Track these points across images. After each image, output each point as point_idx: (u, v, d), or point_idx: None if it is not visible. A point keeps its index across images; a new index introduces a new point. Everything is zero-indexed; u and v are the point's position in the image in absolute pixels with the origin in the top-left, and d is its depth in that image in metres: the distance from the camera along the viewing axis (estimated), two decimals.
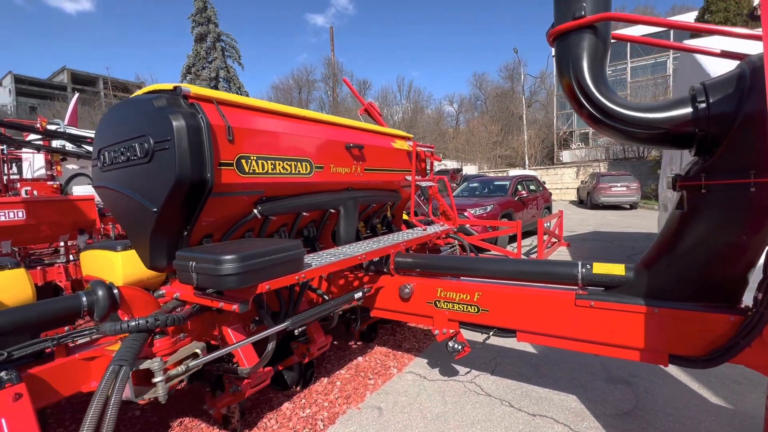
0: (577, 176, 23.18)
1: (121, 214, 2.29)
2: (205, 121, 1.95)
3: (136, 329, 1.62)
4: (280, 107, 2.54)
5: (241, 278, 1.69)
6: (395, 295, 2.81)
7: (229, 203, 2.21)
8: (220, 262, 1.67)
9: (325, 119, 2.92)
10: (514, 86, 47.98)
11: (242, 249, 1.78)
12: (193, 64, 30.17)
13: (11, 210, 3.79)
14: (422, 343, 3.70)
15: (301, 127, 2.62)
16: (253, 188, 2.26)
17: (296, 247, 1.99)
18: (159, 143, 1.91)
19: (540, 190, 10.72)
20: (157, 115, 1.91)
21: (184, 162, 1.87)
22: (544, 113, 41.25)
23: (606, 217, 14.45)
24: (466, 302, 2.48)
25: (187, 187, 1.92)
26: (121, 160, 2.15)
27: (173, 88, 2.03)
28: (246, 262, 1.70)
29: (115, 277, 2.61)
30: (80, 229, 4.47)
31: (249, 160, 2.19)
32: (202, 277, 1.74)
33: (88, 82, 45.13)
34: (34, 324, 1.70)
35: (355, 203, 3.12)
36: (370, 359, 3.38)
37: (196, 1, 29.95)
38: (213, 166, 1.97)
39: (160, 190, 1.94)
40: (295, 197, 2.60)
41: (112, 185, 2.25)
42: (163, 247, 2.10)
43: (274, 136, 2.37)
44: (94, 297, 1.88)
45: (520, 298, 2.29)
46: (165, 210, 1.97)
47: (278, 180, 2.38)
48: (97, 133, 2.43)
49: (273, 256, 1.84)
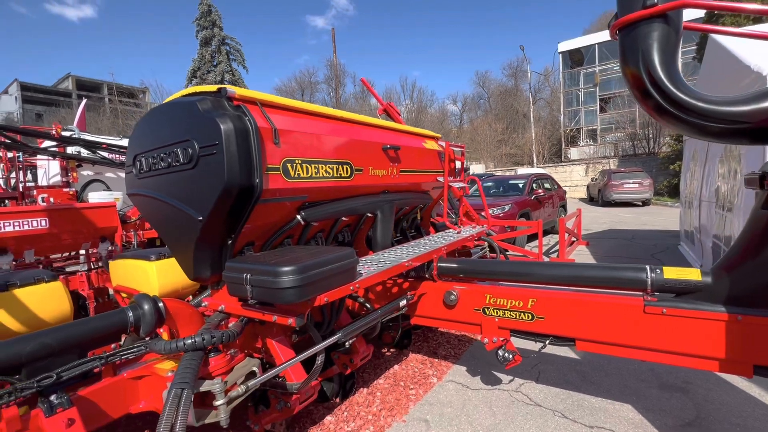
0: (587, 173, 22.95)
1: (160, 223, 2.19)
2: (252, 123, 1.84)
3: (192, 347, 1.52)
4: (320, 108, 2.44)
5: (301, 291, 1.58)
6: (438, 302, 2.69)
7: (275, 210, 2.10)
8: (279, 274, 1.56)
9: (362, 120, 2.82)
10: (518, 84, 47.85)
11: (299, 259, 1.67)
12: (198, 67, 30.19)
13: (34, 219, 3.71)
14: (457, 350, 3.59)
15: (341, 129, 2.52)
16: (297, 193, 2.15)
17: (350, 255, 1.88)
18: (205, 148, 1.81)
19: (555, 188, 10.57)
20: (202, 118, 1.81)
21: (232, 167, 1.77)
22: (549, 111, 41.03)
23: (619, 214, 14.26)
24: (519, 309, 2.36)
25: (236, 193, 1.82)
26: (161, 167, 2.05)
27: (217, 90, 1.93)
28: (305, 273, 1.59)
29: (150, 287, 2.51)
30: (102, 237, 4.38)
31: (294, 164, 2.08)
32: (258, 290, 1.64)
33: (92, 88, 45.38)
34: (81, 342, 1.60)
35: (391, 206, 3.00)
36: (406, 367, 3.27)
37: (201, 5, 29.99)
38: (261, 172, 1.86)
39: (206, 198, 1.84)
40: (335, 202, 2.49)
41: (151, 193, 2.15)
42: (207, 257, 2.00)
43: (316, 138, 2.26)
44: (140, 312, 1.78)
45: (581, 304, 2.16)
46: (211, 218, 1.86)
47: (321, 184, 2.27)
48: (131, 139, 2.33)
49: (330, 266, 1.73)
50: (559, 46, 29.47)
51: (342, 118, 2.60)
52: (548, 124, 36.37)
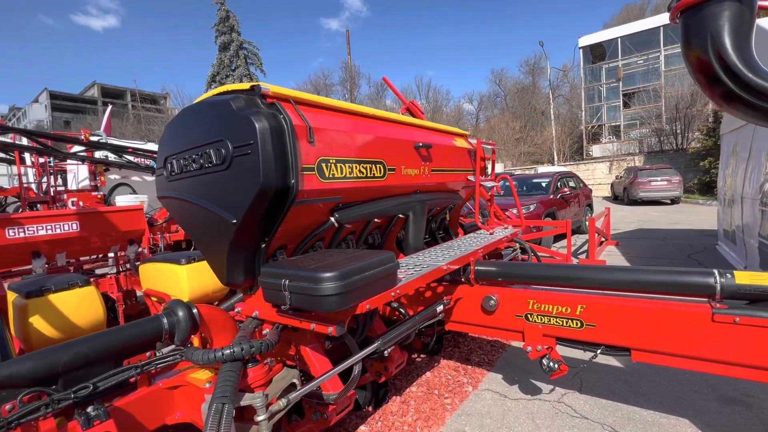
0: (610, 171, 22.23)
1: (192, 226, 2.13)
2: (287, 121, 1.76)
3: (231, 358, 1.44)
4: (351, 106, 2.35)
5: (344, 298, 1.48)
6: (476, 307, 2.56)
7: (309, 211, 2.01)
8: (320, 280, 1.46)
9: (393, 117, 2.71)
10: (536, 81, 46.97)
11: (339, 264, 1.57)
12: (217, 72, 30.75)
13: (66, 222, 3.75)
14: (491, 356, 3.43)
15: (374, 127, 2.42)
16: (332, 194, 2.06)
17: (391, 259, 1.77)
18: (239, 148, 1.73)
19: (581, 186, 10.23)
20: (236, 117, 1.74)
21: (268, 167, 1.69)
22: (568, 108, 40.07)
23: (647, 213, 13.73)
24: (566, 316, 2.20)
25: (271, 195, 1.74)
26: (193, 168, 1.99)
27: (250, 87, 1.85)
28: (348, 280, 1.49)
29: (181, 292, 2.47)
30: (130, 240, 4.42)
31: (329, 164, 1.99)
32: (297, 297, 1.55)
33: (116, 95, 46.88)
34: (117, 351, 1.55)
35: (423, 207, 2.89)
36: (439, 374, 3.14)
37: (219, 11, 30.55)
38: (297, 172, 1.77)
39: (240, 200, 1.76)
40: (368, 203, 2.39)
41: (183, 195, 2.10)
42: (241, 261, 1.93)
43: (350, 137, 2.17)
44: (174, 319, 1.72)
45: (638, 312, 1.99)
46: (246, 221, 1.79)
47: (355, 185, 2.18)
48: (162, 141, 2.29)
49: (372, 272, 1.62)
50: (580, 41, 28.67)
51: (374, 116, 2.51)
52: (567, 121, 35.48)
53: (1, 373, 1.28)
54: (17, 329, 1.90)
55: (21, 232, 3.50)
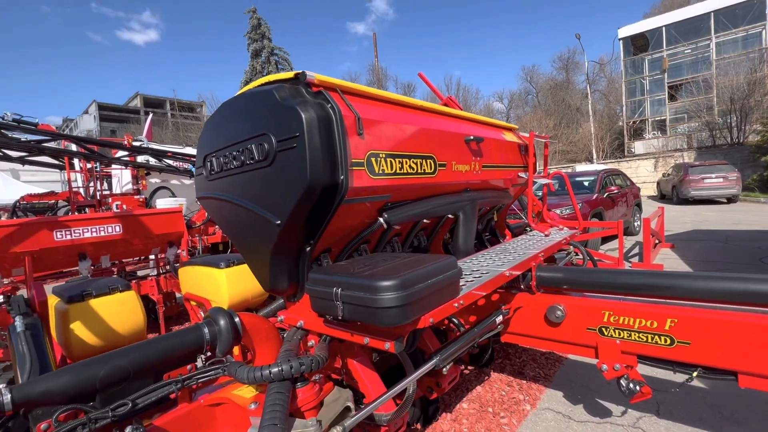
0: (656, 168, 20.84)
1: (233, 229, 2.01)
2: (336, 111, 1.59)
3: (279, 377, 1.27)
4: (399, 96, 2.15)
5: (406, 311, 1.28)
6: (538, 318, 2.28)
7: (357, 211, 1.83)
8: (379, 289, 1.27)
9: (442, 109, 2.50)
10: (570, 77, 45.20)
11: (397, 271, 1.37)
12: (249, 78, 31.64)
13: (109, 225, 3.79)
14: (547, 370, 3.13)
15: (423, 119, 2.22)
16: (381, 192, 1.87)
17: (453, 265, 1.55)
18: (283, 141, 1.58)
19: (628, 184, 9.55)
20: (280, 107, 1.58)
21: (315, 162, 1.52)
22: (605, 103, 38.18)
23: (701, 212, 12.68)
24: (652, 330, 1.89)
25: (319, 193, 1.57)
26: (234, 166, 1.86)
27: (294, 75, 1.69)
28: (409, 289, 1.29)
29: (220, 297, 2.36)
30: (169, 242, 4.44)
31: (378, 159, 1.80)
32: (350, 308, 1.36)
33: (157, 104, 49.33)
34: (157, 364, 1.42)
35: (474, 207, 2.65)
36: (491, 389, 2.87)
37: (251, 19, 31.48)
38: (346, 167, 1.59)
39: (285, 199, 1.61)
40: (418, 202, 2.18)
41: (223, 195, 1.98)
42: (284, 266, 1.77)
43: (399, 129, 1.97)
44: (215, 328, 1.58)
45: (749, 328, 1.66)
46: (291, 222, 1.63)
47: (405, 182, 1.98)
48: (201, 138, 2.19)
49: (435, 280, 1.41)
50: (619, 32, 27.11)
51: (422, 107, 2.30)
52: (605, 117, 33.77)
53: (36, 388, 1.17)
54: (59, 335, 1.84)
55: (68, 235, 3.56)
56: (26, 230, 3.30)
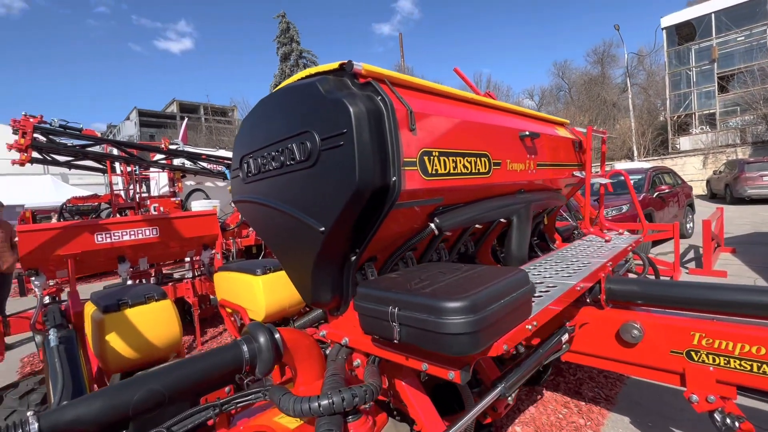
0: (705, 166, 19.40)
1: (271, 235, 1.87)
2: (388, 103, 1.40)
3: (330, 411, 1.10)
4: (448, 89, 1.95)
5: (478, 338, 1.08)
6: (608, 337, 2.01)
7: (407, 216, 1.65)
8: (446, 312, 1.07)
9: (493, 103, 2.27)
10: (605, 71, 43.24)
11: (466, 288, 1.17)
12: (278, 82, 32.19)
13: (147, 228, 3.80)
14: (608, 390, 2.81)
15: (476, 113, 2.00)
16: (434, 194, 1.67)
17: (525, 280, 1.33)
18: (329, 139, 1.41)
19: (679, 183, 8.85)
20: (324, 101, 1.42)
21: (365, 162, 1.34)
22: (644, 97, 36.16)
23: (759, 213, 11.63)
24: (759, 358, 1.59)
25: (369, 196, 1.39)
26: (272, 167, 1.72)
27: (339, 66, 1.53)
28: (482, 312, 1.08)
29: (257, 305, 2.24)
30: (204, 245, 4.43)
31: (431, 157, 1.60)
32: (409, 331, 1.17)
33: (192, 109, 51.31)
34: (194, 387, 1.29)
35: (528, 210, 2.40)
36: (545, 411, 2.60)
37: (280, 23, 32.09)
38: (399, 167, 1.41)
39: (330, 203, 1.44)
40: (470, 205, 1.97)
41: (260, 199, 1.84)
42: (328, 276, 1.61)
43: (452, 124, 1.77)
44: (255, 346, 1.44)
45: None
46: (336, 229, 1.46)
47: (459, 183, 1.77)
48: (237, 139, 2.07)
49: (509, 298, 1.20)
50: (662, 21, 25.44)
51: (474, 101, 2.08)
52: (644, 112, 31.93)
53: (65, 416, 1.06)
54: (95, 346, 1.77)
55: (108, 238, 3.59)
56: (69, 233, 3.35)
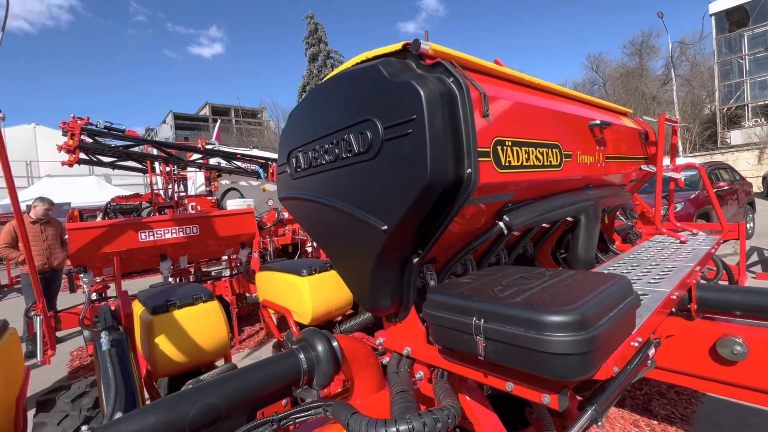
0: (760, 161, 17.95)
1: (322, 234, 1.75)
2: (462, 86, 1.24)
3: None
4: (516, 73, 1.76)
5: (591, 359, 0.90)
6: (701, 352, 1.75)
7: (475, 214, 1.48)
8: (550, 327, 0.89)
9: (561, 90, 2.06)
10: (643, 62, 41.09)
11: (570, 298, 0.99)
12: (307, 82, 32.67)
13: (188, 226, 3.81)
14: (682, 408, 2.53)
15: (545, 100, 1.80)
16: (505, 189, 1.50)
17: (629, 288, 1.14)
18: (394, 128, 1.26)
19: (738, 180, 8.15)
20: (389, 85, 1.27)
21: (437, 152, 1.18)
22: (688, 89, 34.00)
23: None
24: None
25: (440, 191, 1.23)
26: (325, 161, 1.59)
27: (402, 46, 1.38)
28: (595, 328, 0.90)
29: (303, 308, 2.13)
30: (242, 243, 4.42)
31: (504, 148, 1.42)
32: (499, 348, 1.00)
33: (223, 112, 52.93)
34: (252, 400, 1.18)
35: (597, 208, 2.16)
36: (611, 429, 2.36)
37: (309, 24, 32.48)
38: (475, 158, 1.24)
39: (395, 199, 1.29)
40: (538, 201, 1.77)
41: (310, 195, 1.72)
42: (388, 280, 1.47)
43: (524, 111, 1.59)
44: (312, 355, 1.31)
45: None
46: (401, 227, 1.31)
47: (530, 176, 1.58)
48: (284, 132, 1.97)
49: (618, 310, 1.01)
50: (710, 7, 23.73)
51: (542, 87, 1.88)
52: (688, 104, 30.00)
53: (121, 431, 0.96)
54: (144, 348, 1.72)
55: (151, 236, 3.61)
56: (115, 231, 3.39)
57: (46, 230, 4.81)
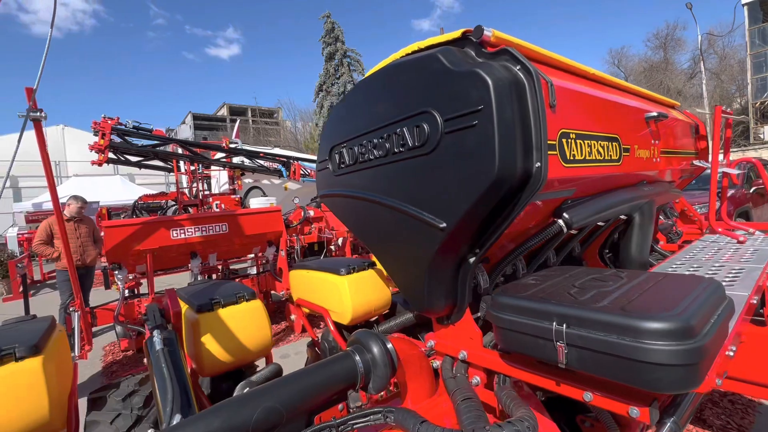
0: None
1: (368, 232, 1.69)
2: (533, 73, 1.16)
3: None
4: (571, 62, 1.66)
5: (698, 370, 0.81)
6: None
7: (534, 210, 1.40)
8: (653, 334, 0.81)
9: (614, 80, 1.95)
10: (668, 56, 39.76)
11: (669, 302, 0.90)
12: (323, 82, 32.74)
13: (218, 224, 3.83)
14: (738, 418, 2.38)
15: (603, 90, 1.71)
16: (567, 185, 1.41)
17: (722, 292, 1.04)
18: (456, 119, 1.19)
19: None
20: (451, 75, 1.21)
21: (507, 144, 1.11)
22: (716, 83, 32.70)
23: None
24: None
25: (508, 186, 1.16)
26: (374, 156, 1.53)
27: (461, 34, 1.31)
28: (703, 336, 0.82)
29: (343, 307, 2.08)
30: (269, 241, 4.43)
31: (569, 140, 1.34)
32: (585, 355, 0.93)
33: (240, 112, 53.69)
34: (310, 403, 1.13)
35: (652, 205, 2.05)
36: None
37: (326, 24, 32.54)
38: (545, 151, 1.16)
39: (456, 195, 1.23)
40: (597, 198, 1.67)
41: (357, 192, 1.67)
42: (444, 280, 1.40)
43: (586, 102, 1.50)
44: (368, 357, 1.26)
45: None
46: (462, 225, 1.25)
47: (592, 171, 1.49)
48: (326, 128, 1.93)
49: (718, 317, 0.92)
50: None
51: (595, 77, 1.78)
52: (716, 99, 28.88)
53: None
54: (189, 347, 1.70)
55: (182, 234, 3.64)
56: (148, 229, 3.42)
57: (80, 228, 4.92)
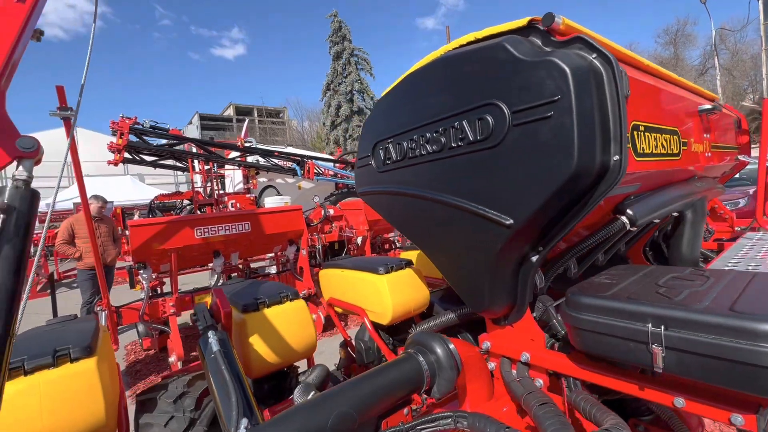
0: None
1: (419, 230, 1.64)
2: (612, 61, 1.10)
3: None
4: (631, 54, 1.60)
5: None
6: None
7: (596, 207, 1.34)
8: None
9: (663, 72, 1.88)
10: (678, 52, 39.30)
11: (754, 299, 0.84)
12: (331, 81, 32.71)
13: (240, 223, 3.80)
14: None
15: (660, 82, 1.64)
16: (635, 180, 1.36)
17: None
18: (527, 111, 1.14)
19: None
20: (521, 64, 1.15)
21: (585, 136, 1.06)
22: (729, 79, 32.22)
23: None
24: None
25: (585, 180, 1.11)
26: (427, 151, 1.48)
27: (528, 23, 1.25)
28: None
29: (383, 307, 2.04)
30: (290, 240, 4.40)
31: (639, 133, 1.28)
32: (686, 359, 0.87)
33: (247, 112, 53.88)
34: (380, 407, 1.09)
35: (705, 201, 1.98)
36: None
37: (333, 23, 32.50)
38: (624, 143, 1.10)
39: (526, 190, 1.17)
40: (656, 194, 1.61)
41: (405, 189, 1.62)
42: (506, 279, 1.35)
43: (651, 93, 1.44)
44: (432, 359, 1.22)
45: None
46: (531, 222, 1.20)
47: (656, 166, 1.43)
48: (368, 123, 1.88)
49: None
50: None
51: (650, 68, 1.72)
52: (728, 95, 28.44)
53: None
54: (237, 348, 1.66)
55: (206, 233, 3.62)
56: (173, 228, 3.41)
57: (100, 227, 4.93)
